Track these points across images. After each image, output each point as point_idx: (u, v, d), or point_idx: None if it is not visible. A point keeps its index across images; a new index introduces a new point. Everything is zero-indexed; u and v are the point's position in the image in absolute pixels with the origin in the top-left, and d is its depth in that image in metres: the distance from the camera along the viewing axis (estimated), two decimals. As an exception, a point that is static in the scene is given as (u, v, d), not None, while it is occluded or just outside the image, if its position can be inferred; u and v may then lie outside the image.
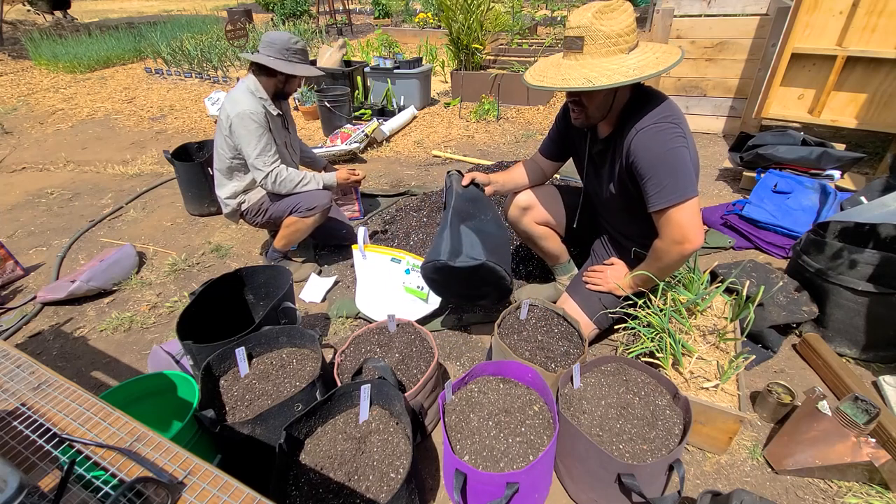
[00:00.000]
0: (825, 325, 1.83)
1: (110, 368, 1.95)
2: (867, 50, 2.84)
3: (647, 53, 1.37)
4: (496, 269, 1.55)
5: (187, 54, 6.97)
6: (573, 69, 1.36)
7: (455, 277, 1.60)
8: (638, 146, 1.41)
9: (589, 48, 1.34)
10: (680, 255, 1.46)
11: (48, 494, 0.71)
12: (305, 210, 2.21)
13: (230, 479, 0.78)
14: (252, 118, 2.03)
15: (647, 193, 1.43)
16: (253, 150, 2.06)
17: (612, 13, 1.32)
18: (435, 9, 7.93)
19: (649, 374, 1.46)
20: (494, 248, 1.60)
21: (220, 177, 2.25)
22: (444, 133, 4.43)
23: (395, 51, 5.96)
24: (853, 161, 2.72)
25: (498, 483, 1.18)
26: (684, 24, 3.73)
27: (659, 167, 1.39)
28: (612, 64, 1.33)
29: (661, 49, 1.39)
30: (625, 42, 1.34)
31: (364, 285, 2.16)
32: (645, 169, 1.41)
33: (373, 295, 2.14)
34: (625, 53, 1.35)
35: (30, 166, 4.02)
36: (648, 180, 1.42)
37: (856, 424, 1.30)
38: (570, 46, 1.38)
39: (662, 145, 1.38)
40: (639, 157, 1.41)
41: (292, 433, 1.24)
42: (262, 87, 2.13)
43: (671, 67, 1.33)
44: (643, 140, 1.40)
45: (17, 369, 1.00)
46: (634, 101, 1.48)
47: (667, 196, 1.39)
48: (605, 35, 1.32)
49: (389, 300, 2.09)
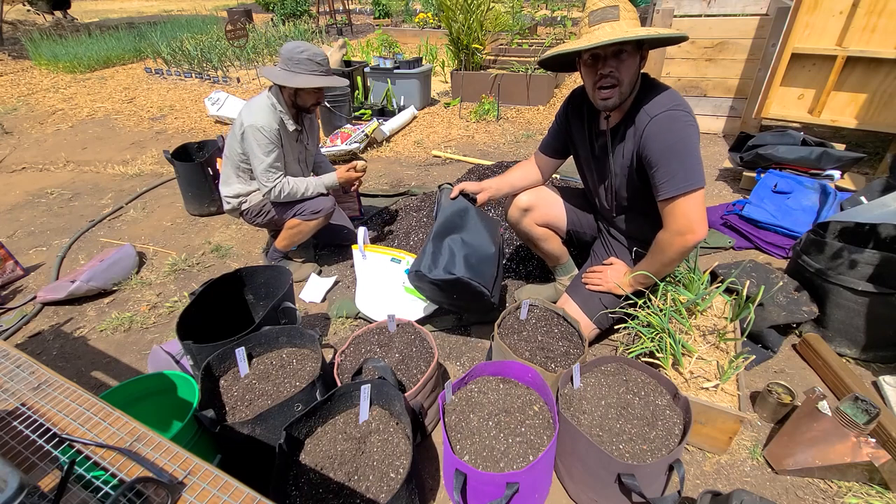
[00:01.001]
0: (825, 325, 1.83)
1: (110, 368, 1.95)
2: (867, 50, 2.84)
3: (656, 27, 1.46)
4: (472, 285, 1.59)
5: (187, 54, 6.97)
6: (615, 32, 1.35)
7: (436, 287, 1.65)
8: (652, 133, 1.43)
9: (624, 15, 1.37)
10: (682, 247, 1.46)
11: (48, 494, 0.71)
12: (310, 213, 2.21)
13: (230, 479, 0.78)
14: (263, 133, 1.99)
15: (657, 181, 1.44)
16: (260, 164, 2.04)
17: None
18: (435, 9, 7.93)
19: (649, 374, 1.46)
20: (477, 263, 1.63)
21: (227, 173, 2.22)
22: (444, 133, 4.43)
23: (395, 51, 5.96)
24: (853, 161, 2.72)
25: (498, 483, 1.18)
26: (684, 24, 3.73)
27: (671, 155, 1.40)
28: (645, 27, 1.37)
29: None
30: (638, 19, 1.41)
31: (364, 285, 2.16)
32: (657, 156, 1.42)
33: (373, 295, 2.14)
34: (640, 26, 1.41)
35: (30, 166, 4.02)
36: (659, 168, 1.43)
37: (856, 424, 1.30)
38: (605, 17, 1.38)
39: (676, 133, 1.40)
40: (652, 145, 1.43)
41: (292, 433, 1.24)
42: (283, 99, 2.08)
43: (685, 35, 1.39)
44: (657, 127, 1.42)
45: (17, 369, 1.00)
46: (642, 89, 1.50)
47: (677, 185, 1.40)
48: (632, 7, 1.39)
49: (389, 300, 2.09)
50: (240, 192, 2.23)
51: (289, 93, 2.07)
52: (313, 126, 2.37)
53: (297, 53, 1.98)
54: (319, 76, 2.03)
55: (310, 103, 2.11)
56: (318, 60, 2.01)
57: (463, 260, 1.61)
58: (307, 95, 2.08)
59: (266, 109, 2.03)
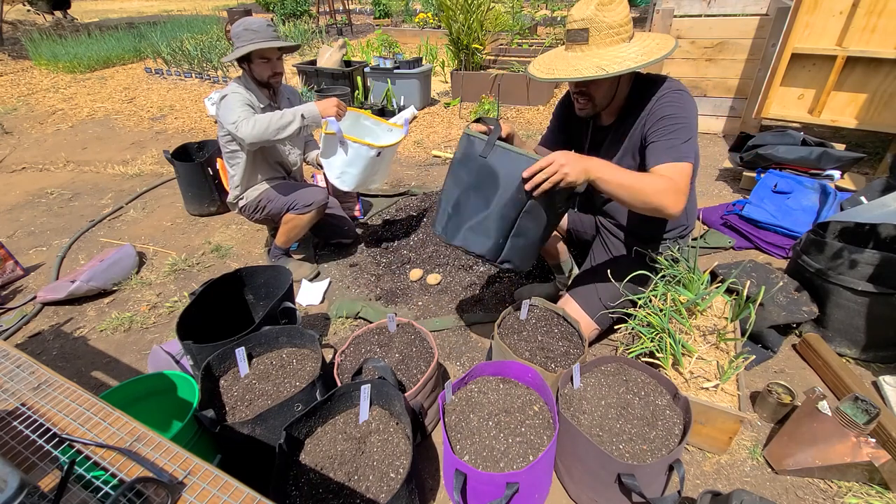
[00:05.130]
0: (825, 325, 1.83)
1: (110, 368, 1.95)
2: (867, 50, 2.84)
3: (646, 41, 1.41)
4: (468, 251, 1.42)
5: (187, 54, 6.96)
6: (581, 59, 1.38)
7: None
8: (659, 105, 1.44)
9: (594, 39, 1.37)
10: (658, 201, 1.28)
11: (48, 494, 0.71)
12: (302, 207, 2.21)
13: (230, 479, 0.78)
14: (234, 97, 2.01)
15: (655, 146, 1.39)
16: (231, 116, 1.96)
17: (612, 4, 1.35)
18: (435, 9, 7.93)
19: (649, 375, 1.46)
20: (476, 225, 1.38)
21: (226, 165, 2.29)
22: (444, 133, 4.43)
23: (395, 51, 5.95)
24: (853, 161, 2.72)
25: (498, 483, 1.18)
26: (684, 24, 3.73)
27: (671, 126, 1.40)
28: (618, 52, 1.36)
29: (656, 37, 1.44)
30: (625, 32, 1.38)
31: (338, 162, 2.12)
32: (658, 124, 1.43)
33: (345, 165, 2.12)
34: (626, 42, 1.39)
35: (30, 166, 4.02)
36: (659, 136, 1.40)
37: (856, 424, 1.30)
38: (575, 39, 1.40)
39: (682, 108, 1.42)
40: (658, 114, 1.44)
41: (292, 433, 1.24)
42: (250, 81, 2.14)
43: (672, 52, 1.37)
44: (666, 101, 1.44)
45: (17, 369, 1.00)
46: (638, 86, 1.52)
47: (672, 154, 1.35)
48: (608, 25, 1.35)
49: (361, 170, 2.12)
50: (235, 183, 2.26)
51: (248, 71, 2.12)
52: (293, 105, 2.32)
53: (237, 28, 2.02)
54: (256, 43, 2.00)
55: (266, 75, 2.12)
56: (254, 28, 2.01)
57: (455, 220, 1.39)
58: (260, 68, 2.09)
59: (235, 89, 2.07)
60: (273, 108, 2.21)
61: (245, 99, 2.04)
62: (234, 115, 1.96)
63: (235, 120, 1.95)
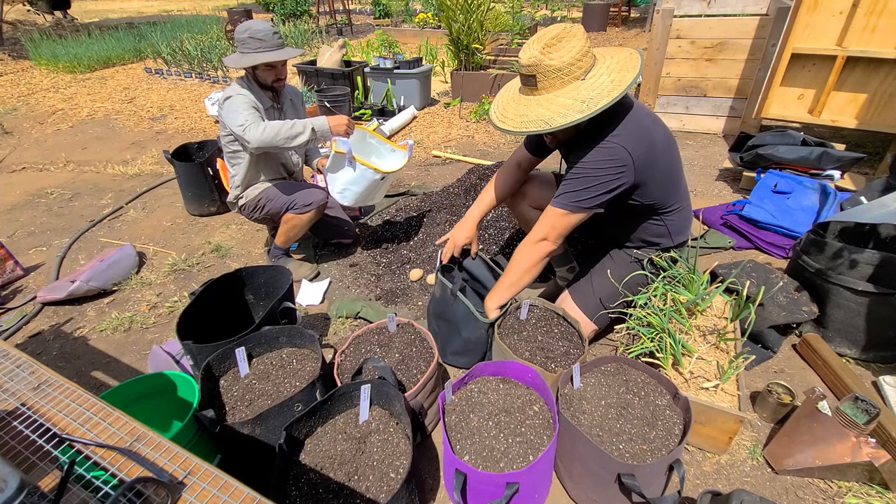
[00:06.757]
0: (825, 325, 1.83)
1: (110, 368, 1.95)
2: (867, 50, 2.84)
3: (602, 76, 1.34)
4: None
5: (187, 54, 6.97)
6: (530, 107, 1.38)
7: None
8: (590, 149, 1.43)
9: (542, 84, 1.35)
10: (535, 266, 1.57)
11: (48, 494, 0.71)
12: (302, 206, 2.21)
13: (230, 479, 0.78)
14: (238, 99, 2.00)
15: (561, 185, 1.49)
16: (237, 118, 1.96)
17: (560, 44, 1.30)
18: (435, 9, 7.93)
19: (649, 374, 1.46)
20: (458, 349, 1.79)
21: (227, 164, 2.29)
22: (444, 133, 4.43)
23: (395, 51, 5.96)
24: (853, 161, 2.72)
25: (498, 483, 1.18)
26: (684, 24, 3.73)
27: (579, 171, 1.43)
28: (567, 98, 1.33)
29: (617, 66, 1.36)
30: (578, 69, 1.33)
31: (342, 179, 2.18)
32: (575, 166, 1.46)
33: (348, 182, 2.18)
34: (580, 80, 1.34)
35: (30, 166, 4.02)
36: (567, 177, 1.47)
37: (856, 424, 1.30)
38: (526, 83, 1.40)
39: (598, 161, 1.41)
40: (583, 155, 1.45)
41: (292, 433, 1.24)
42: (252, 82, 2.14)
43: (627, 89, 1.30)
44: (597, 147, 1.41)
45: (17, 369, 1.00)
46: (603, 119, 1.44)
47: (559, 200, 1.47)
48: (556, 69, 1.32)
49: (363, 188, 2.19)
50: (236, 183, 2.26)
51: (251, 74, 2.11)
52: (295, 107, 2.36)
53: (242, 34, 2.00)
54: (264, 52, 2.00)
55: (270, 80, 2.12)
56: (260, 37, 1.98)
57: (443, 346, 1.81)
58: (264, 73, 2.09)
59: (239, 91, 2.07)
60: (276, 109, 2.22)
61: (251, 101, 2.04)
62: (241, 118, 1.95)
63: (243, 123, 1.94)
